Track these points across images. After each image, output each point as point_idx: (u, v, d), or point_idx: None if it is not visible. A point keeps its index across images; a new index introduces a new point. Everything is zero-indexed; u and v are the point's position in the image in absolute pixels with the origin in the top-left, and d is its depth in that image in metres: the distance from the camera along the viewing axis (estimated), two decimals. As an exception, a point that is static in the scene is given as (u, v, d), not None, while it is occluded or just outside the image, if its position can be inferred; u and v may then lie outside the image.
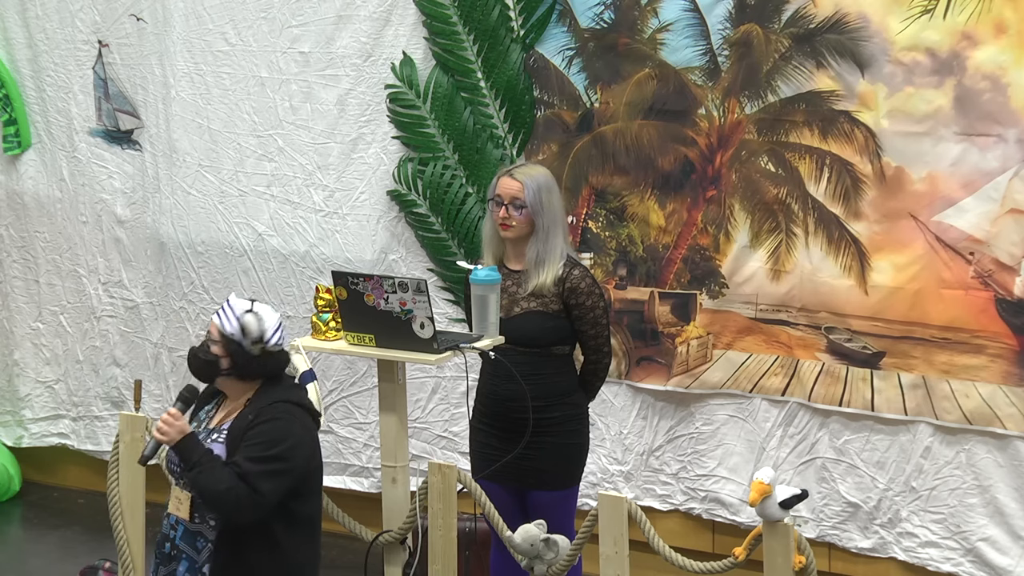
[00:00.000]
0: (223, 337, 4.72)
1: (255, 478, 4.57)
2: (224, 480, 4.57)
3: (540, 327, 5.49)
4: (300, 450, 4.68)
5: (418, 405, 6.93)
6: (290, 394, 4.80)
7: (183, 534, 4.76)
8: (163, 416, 4.66)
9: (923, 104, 5.93)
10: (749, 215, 6.28)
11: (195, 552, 4.74)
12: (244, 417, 4.70)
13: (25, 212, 7.75)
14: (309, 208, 7.07)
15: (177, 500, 4.77)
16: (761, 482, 4.60)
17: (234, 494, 4.56)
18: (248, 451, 4.61)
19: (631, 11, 6.39)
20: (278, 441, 4.63)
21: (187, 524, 4.74)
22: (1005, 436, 5.98)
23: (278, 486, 4.61)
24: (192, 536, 4.75)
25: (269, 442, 4.62)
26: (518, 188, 5.46)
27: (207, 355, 4.74)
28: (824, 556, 6.25)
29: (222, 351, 4.72)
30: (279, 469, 4.61)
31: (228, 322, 4.72)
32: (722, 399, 6.46)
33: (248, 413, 4.70)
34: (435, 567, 5.19)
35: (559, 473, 5.55)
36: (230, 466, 4.60)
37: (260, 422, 4.65)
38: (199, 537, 4.74)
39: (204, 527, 4.73)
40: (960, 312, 5.96)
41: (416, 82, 6.80)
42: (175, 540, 4.77)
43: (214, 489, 4.57)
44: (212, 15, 7.16)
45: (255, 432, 4.64)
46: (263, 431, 4.64)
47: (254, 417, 4.66)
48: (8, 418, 7.95)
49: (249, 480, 4.57)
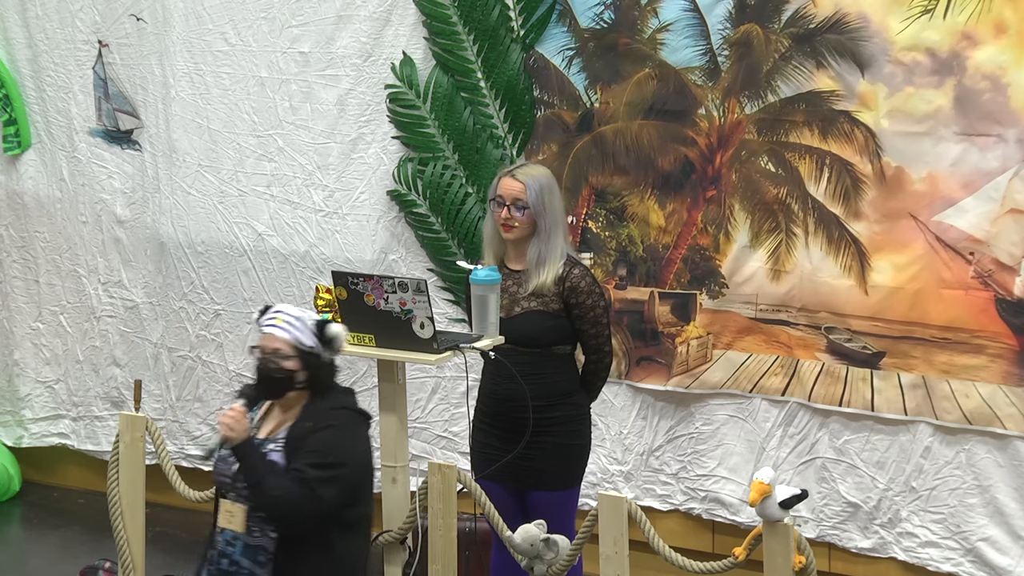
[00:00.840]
0: (299, 351, 4.64)
1: (318, 484, 4.54)
2: (286, 486, 4.52)
3: (541, 327, 5.49)
4: (359, 457, 4.68)
5: (418, 405, 6.93)
6: (346, 400, 4.78)
7: (243, 549, 4.67)
8: (228, 412, 4.56)
9: (923, 104, 5.92)
10: (749, 215, 6.28)
11: (258, 567, 4.66)
12: (302, 424, 4.65)
13: (25, 212, 7.75)
14: (309, 208, 7.07)
15: (229, 513, 4.68)
16: (761, 482, 4.60)
17: (296, 499, 4.52)
18: (310, 457, 4.57)
19: (631, 11, 6.39)
20: (340, 448, 4.61)
21: (247, 539, 4.66)
22: (1005, 436, 5.98)
23: (339, 492, 4.60)
24: (253, 551, 4.67)
25: (329, 449, 4.60)
26: (520, 189, 5.46)
27: (281, 372, 4.64)
28: (824, 556, 6.25)
29: (299, 364, 4.64)
30: (339, 475, 4.59)
31: (304, 335, 4.65)
32: (722, 399, 6.46)
33: (306, 420, 4.65)
34: (435, 567, 5.19)
35: (560, 473, 5.55)
36: (291, 472, 4.55)
37: (321, 428, 4.61)
38: (260, 551, 4.67)
39: (264, 540, 4.66)
40: (960, 312, 5.96)
41: (416, 82, 6.80)
42: (233, 556, 4.68)
43: (276, 494, 4.52)
44: (212, 15, 7.16)
45: (317, 439, 4.60)
46: (325, 438, 4.60)
47: (314, 424, 4.62)
48: (8, 418, 7.95)
49: (312, 485, 4.53)
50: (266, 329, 4.70)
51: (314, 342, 4.66)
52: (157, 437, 5.60)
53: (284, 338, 4.66)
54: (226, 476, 4.70)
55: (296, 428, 4.66)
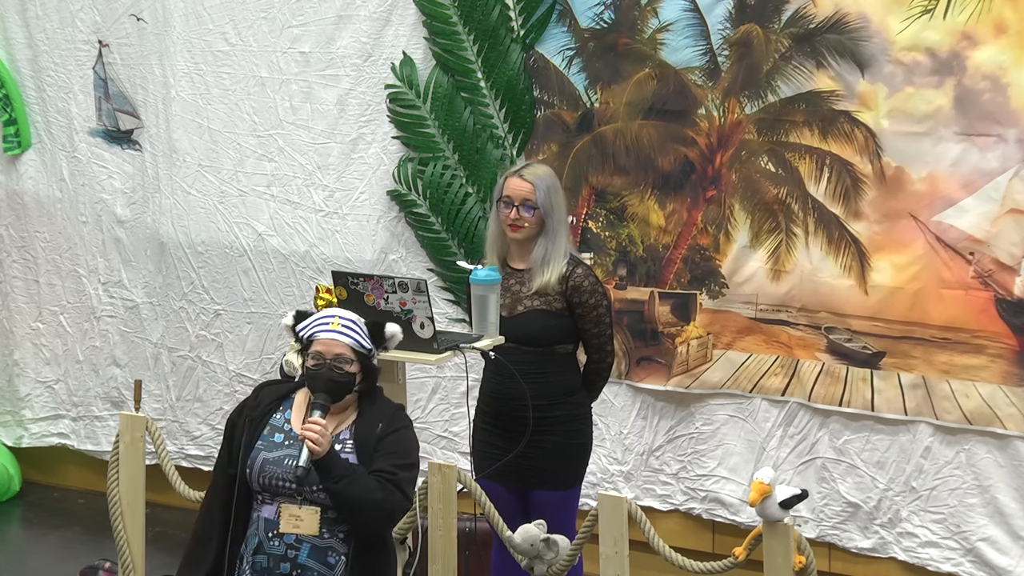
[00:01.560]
0: (359, 355, 4.60)
1: (405, 484, 4.54)
2: (376, 488, 4.48)
3: (543, 326, 5.49)
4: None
5: (418, 405, 6.93)
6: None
7: (311, 552, 4.56)
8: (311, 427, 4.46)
9: (923, 104, 5.92)
10: (749, 215, 6.28)
11: (327, 568, 4.57)
12: (370, 425, 4.61)
13: (25, 212, 7.75)
14: (309, 208, 7.07)
15: (296, 518, 4.56)
16: (761, 482, 4.60)
17: (390, 501, 4.50)
18: (393, 459, 4.55)
19: (631, 11, 6.39)
20: (414, 448, 4.63)
21: (316, 541, 4.56)
22: (1005, 436, 5.98)
23: (415, 490, 4.66)
24: (322, 552, 4.56)
25: (409, 449, 4.61)
26: (529, 189, 5.45)
27: (346, 376, 4.59)
28: (824, 556, 6.25)
29: (359, 367, 4.62)
30: (416, 476, 4.63)
31: (363, 339, 4.62)
32: (722, 399, 6.46)
33: (372, 421, 4.62)
34: (435, 567, 5.19)
35: (561, 472, 5.55)
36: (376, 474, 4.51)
37: (394, 430, 4.60)
38: (331, 552, 4.57)
39: (335, 541, 4.57)
40: (960, 312, 5.96)
41: (416, 82, 6.80)
42: (298, 560, 4.56)
43: (369, 498, 4.47)
44: (212, 15, 7.16)
45: (394, 440, 4.58)
46: (402, 439, 4.60)
47: (385, 425, 4.61)
48: (8, 418, 7.95)
49: (400, 486, 4.52)
50: (325, 335, 4.62)
51: (370, 344, 4.65)
52: (157, 437, 5.60)
53: (346, 342, 4.61)
54: (282, 480, 4.57)
55: (363, 429, 4.61)
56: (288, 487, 4.53)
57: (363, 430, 4.60)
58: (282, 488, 4.55)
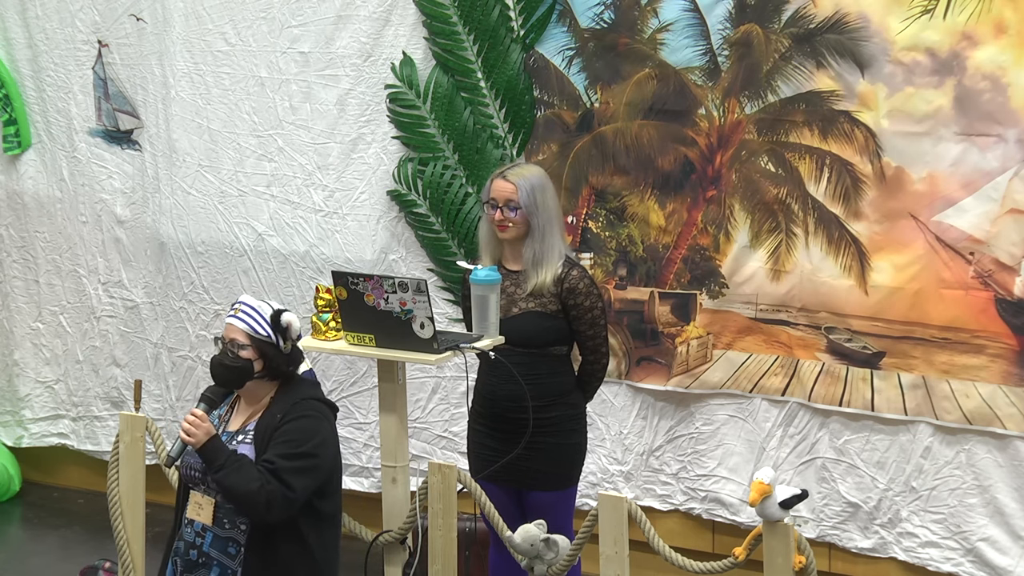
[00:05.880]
0: (254, 340, 4.69)
1: (288, 474, 4.57)
2: (255, 479, 4.56)
3: (538, 327, 5.49)
4: (328, 447, 4.72)
5: (418, 405, 6.93)
6: (315, 391, 4.82)
7: (213, 541, 4.72)
8: (188, 418, 4.63)
9: (923, 104, 5.92)
10: (749, 215, 6.28)
11: (228, 558, 4.69)
12: (271, 416, 4.69)
13: (25, 212, 7.75)
14: (309, 208, 7.07)
15: (198, 505, 4.74)
16: (761, 482, 4.60)
17: (266, 492, 4.56)
18: (280, 448, 4.61)
19: (631, 11, 6.39)
20: (309, 438, 4.65)
21: (216, 531, 4.70)
22: (1005, 436, 5.98)
23: (309, 483, 4.63)
24: (223, 542, 4.71)
25: (301, 439, 4.63)
26: (511, 190, 5.47)
27: (236, 361, 4.70)
28: (824, 556, 6.25)
29: (254, 354, 4.70)
30: (310, 466, 4.63)
31: (260, 324, 4.70)
32: (722, 399, 6.46)
33: (275, 412, 4.69)
34: (435, 567, 5.19)
35: (557, 473, 5.55)
36: (261, 464, 4.58)
37: (290, 419, 4.65)
38: (231, 543, 4.70)
39: (235, 532, 4.69)
40: (960, 312, 5.96)
41: (416, 82, 6.80)
42: (203, 547, 4.72)
43: (245, 488, 4.56)
44: (212, 15, 7.16)
45: (286, 429, 4.64)
46: (294, 428, 4.64)
47: (283, 415, 4.66)
48: (8, 418, 7.95)
49: (281, 476, 4.57)
50: (227, 320, 4.80)
51: (269, 331, 4.69)
52: (157, 437, 5.60)
53: (240, 327, 4.73)
54: (195, 469, 4.74)
55: (264, 420, 4.71)
56: (196, 476, 4.73)
57: (265, 421, 4.71)
58: (192, 477, 4.77)
